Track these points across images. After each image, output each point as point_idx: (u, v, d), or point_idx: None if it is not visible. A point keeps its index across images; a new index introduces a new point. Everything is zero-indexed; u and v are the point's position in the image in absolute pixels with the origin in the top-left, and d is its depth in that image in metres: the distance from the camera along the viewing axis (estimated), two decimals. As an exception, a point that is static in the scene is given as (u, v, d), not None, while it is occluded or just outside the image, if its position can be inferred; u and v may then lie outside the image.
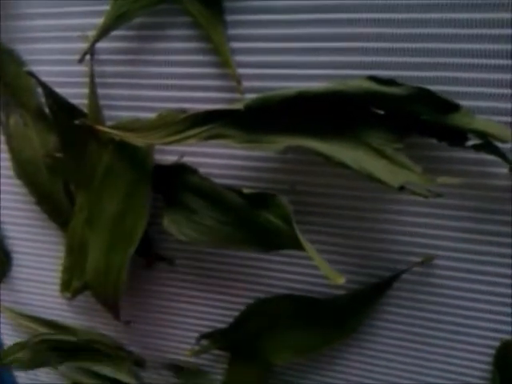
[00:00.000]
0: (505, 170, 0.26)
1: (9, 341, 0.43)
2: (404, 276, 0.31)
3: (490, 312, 0.30)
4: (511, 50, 0.25)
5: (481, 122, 0.25)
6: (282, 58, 0.29)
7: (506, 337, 0.30)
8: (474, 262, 0.30)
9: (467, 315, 0.31)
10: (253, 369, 0.35)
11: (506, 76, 0.25)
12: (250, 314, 0.35)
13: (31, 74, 0.32)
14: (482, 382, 0.32)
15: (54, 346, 0.39)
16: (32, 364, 0.39)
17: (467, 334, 0.31)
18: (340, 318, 0.32)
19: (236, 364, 0.36)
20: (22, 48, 0.34)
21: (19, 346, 0.39)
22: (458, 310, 0.31)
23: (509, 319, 0.30)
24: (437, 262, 0.30)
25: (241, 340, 0.35)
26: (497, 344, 0.31)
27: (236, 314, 0.35)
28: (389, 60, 0.27)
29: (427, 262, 0.30)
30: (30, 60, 0.34)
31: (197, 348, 0.36)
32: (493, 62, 0.25)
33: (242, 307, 0.35)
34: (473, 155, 0.27)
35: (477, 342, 0.31)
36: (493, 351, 0.31)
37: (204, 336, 0.36)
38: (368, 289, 0.32)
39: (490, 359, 0.31)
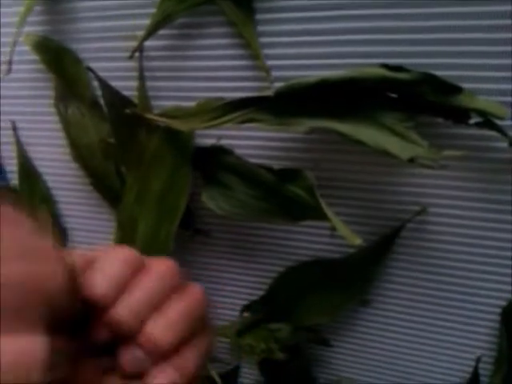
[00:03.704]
0: (504, 144, 0.30)
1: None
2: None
3: (497, 273, 0.34)
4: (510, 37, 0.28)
5: (481, 102, 0.28)
6: (304, 50, 0.32)
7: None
8: (475, 228, 0.33)
9: (475, 277, 0.35)
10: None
11: (506, 61, 0.29)
12: (281, 282, 0.39)
13: (90, 70, 0.37)
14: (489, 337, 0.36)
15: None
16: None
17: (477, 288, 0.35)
18: (357, 272, 0.36)
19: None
20: (79, 47, 0.38)
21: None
22: (466, 273, 0.35)
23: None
24: (442, 228, 0.34)
25: (275, 307, 0.39)
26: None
27: (266, 280, 0.39)
28: (398, 49, 0.30)
29: (423, 213, 0.34)
30: (87, 58, 0.38)
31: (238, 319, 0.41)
32: (492, 48, 0.29)
33: (271, 274, 0.39)
34: (475, 131, 0.30)
35: (485, 296, 0.35)
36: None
37: (244, 308, 0.40)
38: (378, 241, 0.35)
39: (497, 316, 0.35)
